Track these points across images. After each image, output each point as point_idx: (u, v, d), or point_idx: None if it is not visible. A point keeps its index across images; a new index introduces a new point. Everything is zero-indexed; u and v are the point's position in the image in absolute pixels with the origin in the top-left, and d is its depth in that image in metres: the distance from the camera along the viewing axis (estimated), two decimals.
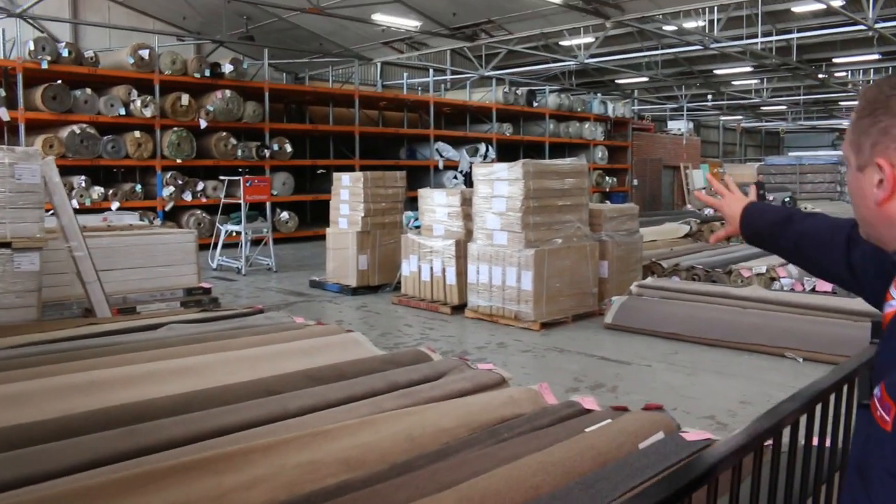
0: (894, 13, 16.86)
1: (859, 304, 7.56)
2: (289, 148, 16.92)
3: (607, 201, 22.17)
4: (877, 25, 15.88)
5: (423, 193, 9.74)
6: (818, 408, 1.86)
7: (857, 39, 20.31)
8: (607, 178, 24.71)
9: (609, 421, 3.97)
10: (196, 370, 4.10)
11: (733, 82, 29.42)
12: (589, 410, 4.27)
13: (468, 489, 2.72)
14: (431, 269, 9.29)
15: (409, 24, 17.70)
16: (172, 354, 4.31)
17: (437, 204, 9.42)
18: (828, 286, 8.79)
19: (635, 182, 25.59)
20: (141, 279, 7.92)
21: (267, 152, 16.18)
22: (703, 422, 5.13)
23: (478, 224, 8.64)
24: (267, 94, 16.32)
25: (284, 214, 16.81)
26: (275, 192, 15.75)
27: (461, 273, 8.92)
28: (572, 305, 8.46)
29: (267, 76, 16.83)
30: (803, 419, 1.82)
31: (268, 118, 16.35)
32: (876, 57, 23.01)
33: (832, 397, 1.94)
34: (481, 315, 8.52)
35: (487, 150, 20.40)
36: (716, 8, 16.83)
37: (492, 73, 21.86)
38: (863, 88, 1.26)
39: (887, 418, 1.12)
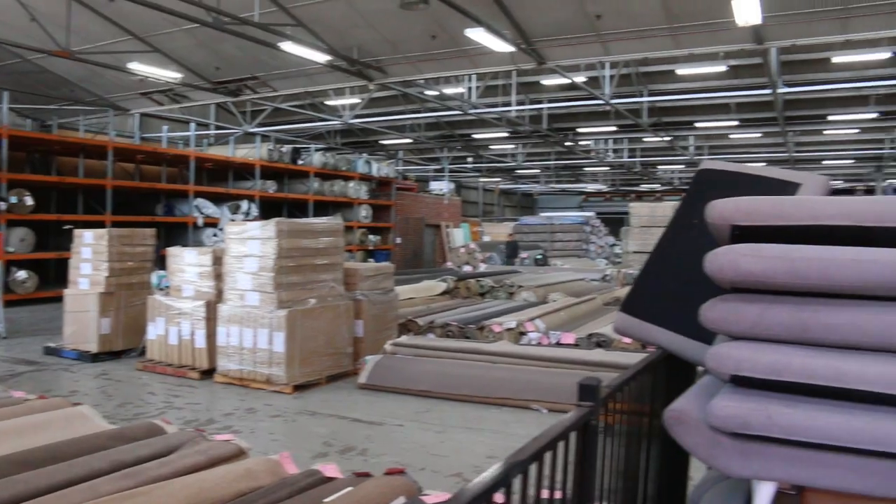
0: (625, 91, 18.72)
1: (598, 354, 8.10)
2: (30, 201, 15.42)
3: (371, 259, 22.38)
4: (612, 101, 17.53)
5: (173, 252, 9.21)
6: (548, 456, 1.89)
7: (597, 112, 22.30)
8: (371, 236, 24.99)
9: (350, 489, 3.86)
10: None
11: (491, 146, 31.15)
12: (330, 479, 4.13)
13: None
14: (180, 331, 8.76)
15: (170, 75, 16.97)
16: None
17: (188, 263, 8.93)
18: (572, 339, 9.35)
19: (398, 240, 26.09)
20: None
21: (3, 205, 14.64)
22: (450, 480, 5.16)
23: (229, 284, 8.29)
24: (5, 141, 14.82)
25: (21, 273, 15.24)
26: (10, 249, 14.26)
27: (211, 335, 8.48)
28: (327, 366, 8.30)
29: (5, 120, 15.32)
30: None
31: (5, 167, 14.83)
32: (613, 129, 25.41)
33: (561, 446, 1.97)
34: (232, 379, 8.12)
35: (250, 207, 19.91)
36: (474, 76, 17.75)
37: (256, 129, 21.54)
38: None
39: None
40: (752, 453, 2.09)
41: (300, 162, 22.65)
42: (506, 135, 27.16)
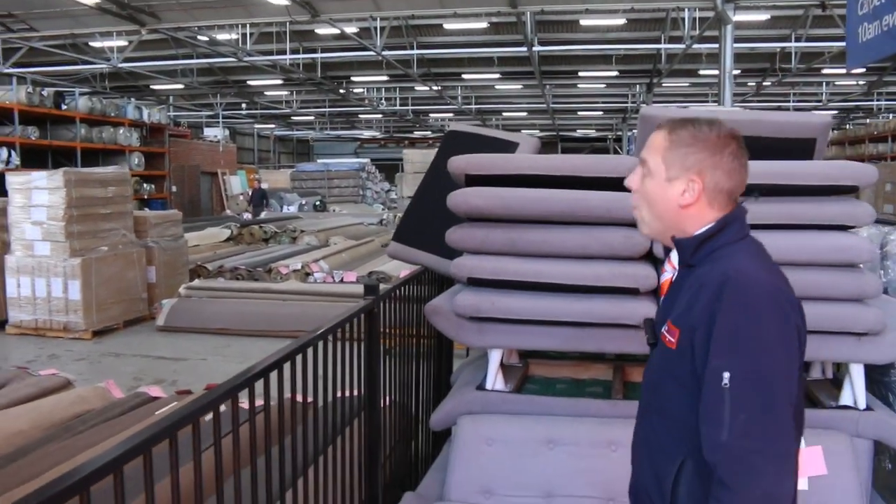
0: (396, 43, 19.64)
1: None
2: None
3: (146, 208, 21.92)
4: (384, 53, 18.36)
5: None
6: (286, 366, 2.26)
7: (370, 62, 23.04)
8: (145, 185, 24.35)
9: (176, 404, 4.55)
10: None
11: (266, 93, 31.00)
12: (156, 398, 4.80)
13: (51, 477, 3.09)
14: None
15: None
16: None
17: None
18: (354, 277, 10.29)
19: (174, 188, 25.59)
20: None
21: None
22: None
23: (15, 235, 8.36)
24: None
25: None
26: None
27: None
28: (123, 311, 8.67)
29: None
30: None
31: None
32: (385, 78, 26.36)
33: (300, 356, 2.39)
34: (26, 330, 8.28)
35: (10, 155, 18.79)
36: (248, 24, 17.84)
37: (12, 70, 20.15)
38: (670, 123, 1.69)
39: (672, 340, 1.62)
40: (484, 330, 3.12)
41: (64, 107, 21.48)
42: (280, 82, 27.25)
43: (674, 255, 1.80)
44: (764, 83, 24.13)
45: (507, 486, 2.98)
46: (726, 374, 1.51)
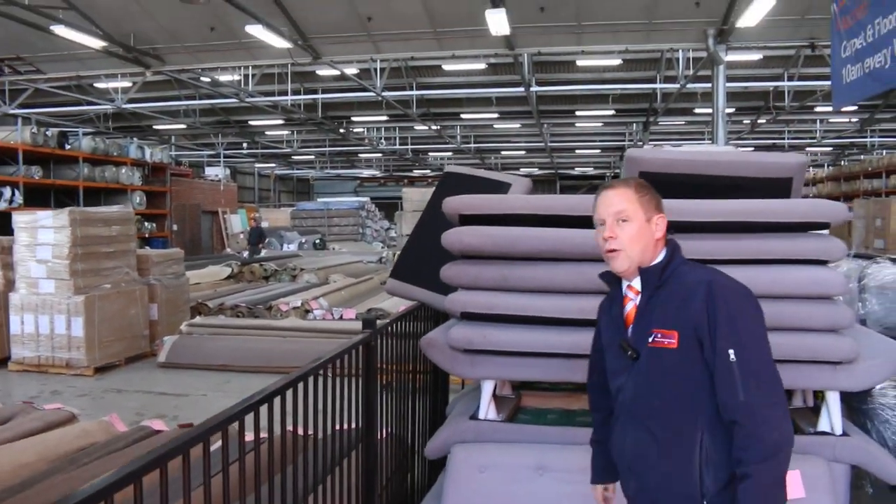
0: (396, 84, 19.99)
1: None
2: None
3: (147, 247, 22.10)
4: (383, 93, 18.72)
5: None
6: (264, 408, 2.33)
7: (370, 102, 23.40)
8: (146, 223, 24.57)
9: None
10: None
11: (266, 132, 31.37)
12: (159, 431, 4.90)
13: None
14: None
15: None
16: None
17: None
18: (353, 314, 10.42)
19: (175, 227, 25.82)
20: None
21: None
22: None
23: (20, 273, 8.51)
24: None
25: None
26: None
27: (2, 325, 8.64)
28: (125, 348, 8.79)
29: None
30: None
31: None
32: (384, 118, 26.72)
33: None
34: (28, 367, 8.39)
35: (14, 194, 19.03)
36: (250, 66, 18.18)
37: (17, 111, 20.46)
38: (625, 181, 2.17)
39: (672, 341, 2.01)
40: (477, 362, 3.26)
41: (68, 146, 21.78)
42: (281, 122, 27.60)
43: (635, 284, 2.15)
44: (758, 121, 24.45)
45: None
46: (731, 352, 1.95)
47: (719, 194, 3.18)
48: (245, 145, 33.76)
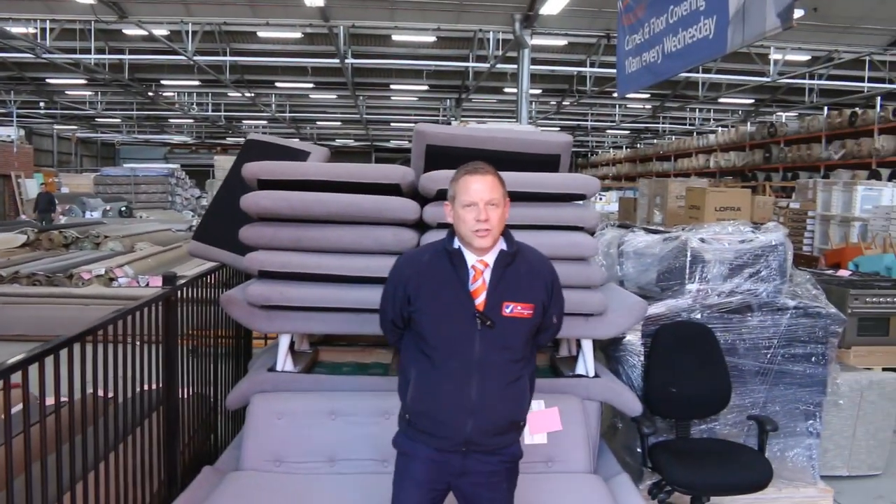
0: (209, 48, 19.39)
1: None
2: None
3: None
4: (195, 58, 18.08)
5: None
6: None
7: (180, 66, 22.53)
8: None
9: None
10: None
11: (67, 92, 29.38)
12: None
13: None
14: None
15: None
16: None
17: None
18: (160, 282, 10.22)
19: None
20: None
21: None
22: None
23: None
24: None
25: None
26: None
27: None
28: None
29: None
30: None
31: None
32: (196, 83, 25.82)
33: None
34: None
35: None
36: (48, 19, 16.96)
37: None
38: (483, 167, 2.49)
39: (529, 312, 2.47)
40: (273, 317, 3.51)
41: None
42: (84, 81, 25.99)
43: (488, 258, 2.50)
44: (563, 103, 25.93)
45: (296, 454, 3.36)
46: (555, 316, 2.64)
47: (497, 168, 3.59)
48: (42, 105, 31.45)
